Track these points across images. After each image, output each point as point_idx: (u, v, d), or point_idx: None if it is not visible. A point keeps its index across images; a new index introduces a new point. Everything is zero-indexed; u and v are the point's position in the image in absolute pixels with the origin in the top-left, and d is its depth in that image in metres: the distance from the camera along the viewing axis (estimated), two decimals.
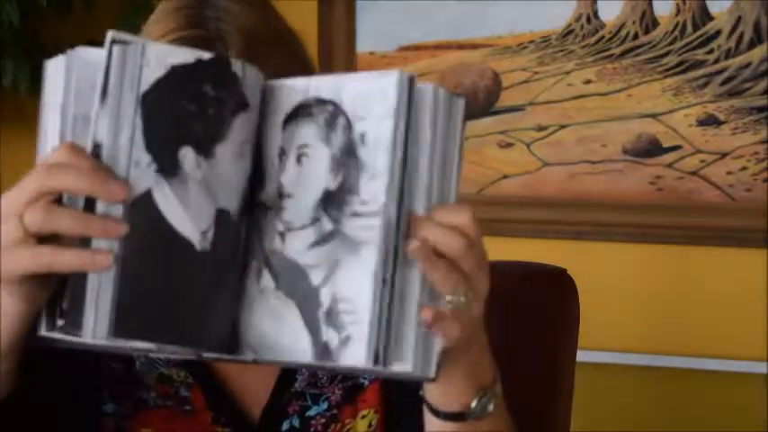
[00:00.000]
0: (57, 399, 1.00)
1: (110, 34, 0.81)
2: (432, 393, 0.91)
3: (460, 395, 0.90)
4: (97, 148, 0.80)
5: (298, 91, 0.86)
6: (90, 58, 0.81)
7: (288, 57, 1.05)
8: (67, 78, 0.82)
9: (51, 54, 0.84)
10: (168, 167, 0.81)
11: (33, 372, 0.88)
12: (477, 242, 0.82)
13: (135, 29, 2.52)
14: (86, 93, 0.81)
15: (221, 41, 1.00)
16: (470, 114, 2.27)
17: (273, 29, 1.06)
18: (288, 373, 1.09)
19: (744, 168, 2.17)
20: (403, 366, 0.81)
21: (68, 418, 1.04)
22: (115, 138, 0.80)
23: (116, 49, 0.80)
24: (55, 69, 0.84)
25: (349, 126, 0.82)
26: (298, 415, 1.09)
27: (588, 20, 2.23)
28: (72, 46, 0.83)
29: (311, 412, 1.09)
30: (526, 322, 1.30)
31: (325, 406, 1.10)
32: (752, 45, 2.16)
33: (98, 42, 0.81)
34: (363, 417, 1.10)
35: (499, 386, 0.93)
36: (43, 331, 0.81)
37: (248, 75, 0.84)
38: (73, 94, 0.81)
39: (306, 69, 1.06)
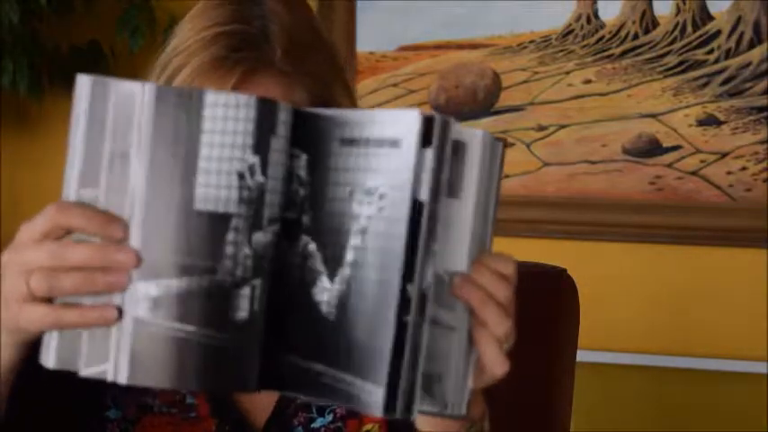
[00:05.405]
0: (56, 402, 1.00)
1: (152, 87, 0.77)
2: (421, 420, 0.91)
3: (448, 425, 0.90)
4: None
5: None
6: (127, 92, 0.78)
7: (326, 60, 1.06)
8: (103, 111, 0.78)
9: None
10: None
11: (33, 376, 0.88)
12: (516, 293, 0.87)
13: (134, 29, 2.51)
14: (123, 129, 0.78)
15: (265, 38, 1.01)
16: (470, 114, 2.27)
17: (315, 32, 1.07)
18: None
19: (744, 168, 2.17)
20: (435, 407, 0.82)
21: (68, 423, 1.04)
22: None
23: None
24: (90, 93, 0.79)
25: None
26: (302, 426, 1.09)
27: (588, 20, 2.23)
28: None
29: (316, 424, 1.09)
30: (526, 322, 1.30)
31: (330, 418, 1.10)
32: (752, 45, 2.16)
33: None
34: (367, 431, 1.10)
35: (487, 423, 0.94)
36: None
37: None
38: (109, 131, 0.78)
39: (340, 73, 1.08)
